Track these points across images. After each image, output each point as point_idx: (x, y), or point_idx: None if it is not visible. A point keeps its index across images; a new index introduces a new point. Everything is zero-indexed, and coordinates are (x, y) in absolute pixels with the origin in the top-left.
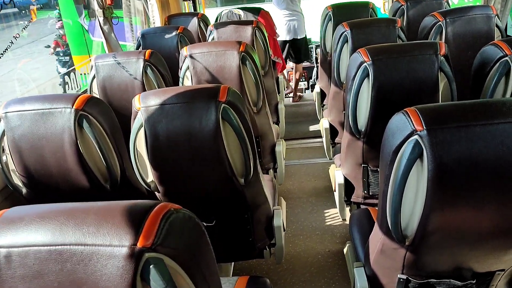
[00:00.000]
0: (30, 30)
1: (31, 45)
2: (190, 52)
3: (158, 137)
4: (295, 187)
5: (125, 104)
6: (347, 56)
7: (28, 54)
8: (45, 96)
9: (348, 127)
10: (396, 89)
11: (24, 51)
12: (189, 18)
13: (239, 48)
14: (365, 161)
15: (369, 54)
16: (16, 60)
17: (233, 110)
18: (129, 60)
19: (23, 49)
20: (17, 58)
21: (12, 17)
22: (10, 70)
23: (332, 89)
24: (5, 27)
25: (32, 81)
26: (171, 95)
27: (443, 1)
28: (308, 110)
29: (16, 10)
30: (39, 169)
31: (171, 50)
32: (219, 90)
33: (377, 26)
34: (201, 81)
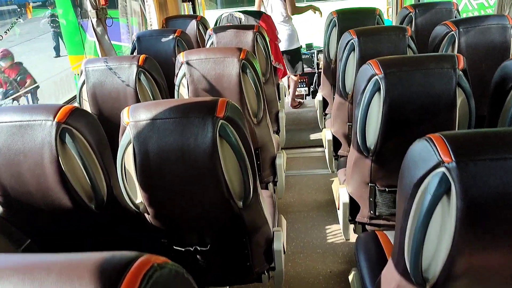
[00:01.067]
0: (26, 28)
1: (28, 43)
2: (186, 59)
3: (148, 155)
4: (295, 199)
5: (117, 113)
6: (353, 65)
7: (25, 52)
8: (24, 107)
9: (356, 144)
10: (409, 105)
11: (21, 50)
12: (188, 21)
13: (240, 55)
14: (372, 180)
15: (381, 66)
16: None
17: (232, 127)
18: (121, 65)
19: (20, 47)
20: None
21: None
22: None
23: (337, 99)
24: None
25: None
26: (163, 108)
27: (452, 8)
28: (309, 117)
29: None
30: (16, 187)
31: (168, 54)
32: (217, 105)
33: (386, 34)
34: (198, 90)
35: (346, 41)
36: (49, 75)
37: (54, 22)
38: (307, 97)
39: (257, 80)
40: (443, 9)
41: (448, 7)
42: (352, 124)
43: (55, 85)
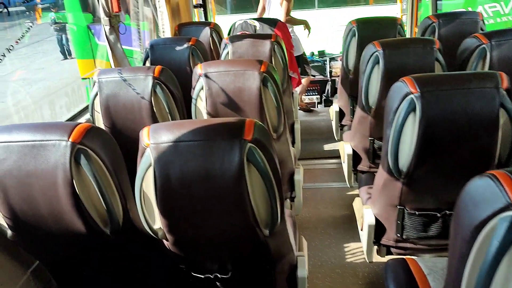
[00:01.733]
0: (34, 29)
1: (36, 45)
2: (205, 71)
3: (170, 180)
4: (311, 215)
5: (131, 126)
6: (377, 78)
7: (33, 53)
8: (37, 125)
9: (386, 165)
10: (447, 126)
11: (29, 51)
12: (201, 28)
13: (260, 68)
14: (402, 203)
15: (417, 84)
16: (21, 59)
17: (260, 150)
18: (136, 77)
19: (28, 48)
20: (21, 57)
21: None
22: (16, 69)
23: (358, 113)
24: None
25: (38, 81)
26: (187, 130)
27: (478, 19)
28: (322, 126)
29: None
30: (27, 210)
31: (182, 63)
32: (244, 126)
33: (413, 47)
34: (216, 104)
35: (370, 53)
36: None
37: (58, 26)
38: (318, 106)
39: (278, 93)
40: (468, 19)
41: (474, 17)
42: (383, 144)
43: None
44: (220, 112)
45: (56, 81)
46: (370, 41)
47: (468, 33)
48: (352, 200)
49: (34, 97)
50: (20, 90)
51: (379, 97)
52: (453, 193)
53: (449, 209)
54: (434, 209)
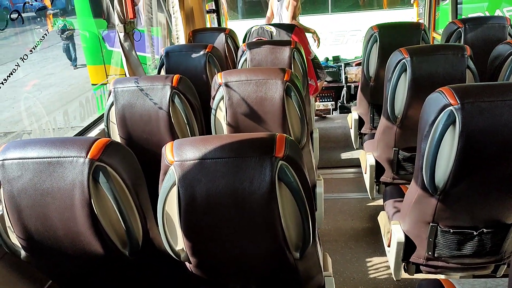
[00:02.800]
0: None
1: (46, 50)
2: (225, 80)
3: (195, 200)
4: (331, 227)
5: (148, 137)
6: (404, 87)
7: (43, 59)
8: (54, 140)
9: (420, 180)
10: (489, 140)
11: (39, 56)
12: (216, 34)
13: (284, 76)
14: (435, 220)
15: (457, 95)
16: (31, 64)
17: (292, 168)
18: (153, 86)
19: (39, 54)
20: (31, 63)
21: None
22: (26, 74)
23: (383, 122)
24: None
25: (49, 87)
26: (214, 146)
27: (506, 24)
28: (338, 134)
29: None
30: (42, 231)
31: (198, 71)
32: (275, 142)
33: (443, 54)
34: (237, 114)
35: (396, 61)
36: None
37: (65, 34)
38: (334, 112)
39: (302, 103)
40: (495, 24)
41: (502, 22)
42: (416, 159)
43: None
44: (241, 123)
45: (66, 86)
46: (392, 48)
47: (496, 39)
48: (373, 212)
49: (44, 102)
50: (31, 96)
51: (405, 106)
52: (492, 211)
53: (486, 227)
54: (470, 227)
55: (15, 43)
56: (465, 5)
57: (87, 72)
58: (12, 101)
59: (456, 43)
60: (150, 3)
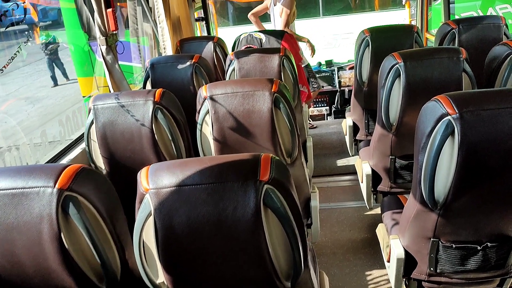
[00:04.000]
0: (36, 48)
1: (39, 63)
2: (210, 93)
3: (174, 230)
4: (327, 238)
5: (131, 156)
6: (398, 93)
7: (36, 71)
8: (19, 170)
9: (419, 195)
10: (492, 151)
11: (31, 69)
12: (204, 43)
13: (272, 87)
14: (436, 235)
15: (454, 103)
16: (23, 77)
17: (279, 192)
18: (135, 102)
19: (31, 66)
20: (24, 76)
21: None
22: (19, 87)
23: (378, 130)
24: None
25: (41, 100)
26: (192, 171)
27: (501, 23)
28: (333, 140)
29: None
30: (9, 268)
31: (185, 82)
32: (259, 164)
33: (438, 57)
34: (223, 128)
35: (389, 66)
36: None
37: (49, 49)
38: (328, 117)
39: (292, 115)
40: (490, 24)
41: (496, 22)
42: (414, 172)
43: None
44: (228, 138)
45: (58, 99)
46: (385, 52)
47: (491, 39)
48: (372, 221)
49: (36, 116)
50: (22, 109)
51: (401, 113)
52: (497, 224)
53: (491, 241)
54: (473, 242)
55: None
56: (457, 4)
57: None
58: (3, 115)
59: (450, 45)
60: (135, 13)
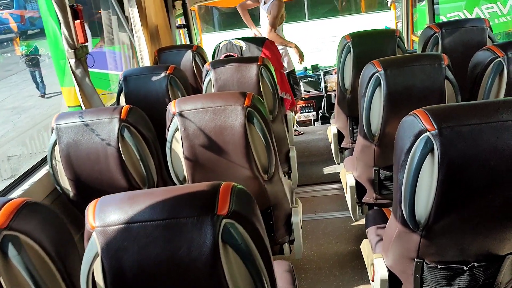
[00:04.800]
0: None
1: (26, 72)
2: (179, 109)
3: (124, 273)
4: (313, 252)
5: (98, 177)
6: (379, 103)
7: (23, 81)
8: None
9: (400, 215)
10: (475, 169)
11: (18, 78)
12: (182, 52)
13: (244, 101)
14: (420, 256)
15: (433, 119)
16: (10, 87)
17: (241, 225)
18: (99, 120)
19: (18, 75)
20: (11, 86)
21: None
22: (6, 97)
23: (360, 141)
24: None
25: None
26: (142, 206)
27: (485, 26)
28: (320, 147)
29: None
30: None
31: (160, 95)
32: (218, 196)
33: (418, 64)
34: (195, 146)
35: (369, 74)
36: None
37: (29, 60)
38: (315, 123)
39: (267, 129)
40: (474, 27)
41: (480, 25)
42: (394, 191)
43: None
44: (200, 156)
45: (46, 108)
46: (367, 57)
47: (475, 43)
48: (359, 233)
49: (23, 127)
50: (9, 119)
51: (382, 123)
52: (483, 244)
53: (478, 260)
54: (459, 262)
55: None
56: (442, 5)
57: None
58: None
59: (433, 49)
60: (109, 23)
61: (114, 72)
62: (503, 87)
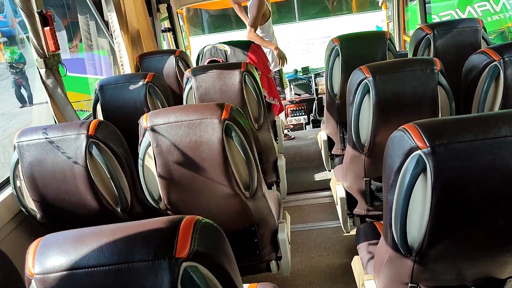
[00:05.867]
0: None
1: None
2: (151, 123)
3: None
4: (304, 266)
5: (66, 198)
6: (369, 110)
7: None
8: None
9: (391, 239)
10: (472, 188)
11: (8, 83)
12: (165, 57)
13: (221, 114)
14: (414, 281)
15: (425, 135)
16: (1, 93)
17: (206, 268)
18: (65, 136)
19: (8, 80)
20: (0, 91)
21: None
22: None
23: (350, 151)
24: None
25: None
26: (89, 249)
27: (478, 27)
28: (311, 152)
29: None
30: None
31: (138, 105)
32: (177, 234)
33: (409, 70)
34: (168, 163)
35: (357, 81)
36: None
37: (13, 68)
38: (307, 127)
39: (247, 143)
40: (467, 28)
41: (473, 25)
42: (384, 214)
43: None
44: (175, 174)
45: (36, 114)
46: (356, 61)
47: (468, 45)
48: (351, 244)
49: (13, 133)
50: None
51: (372, 132)
52: (482, 268)
53: (476, 285)
54: (457, 286)
55: None
56: (434, 4)
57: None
58: None
59: (425, 52)
60: (87, 29)
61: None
62: (500, 92)
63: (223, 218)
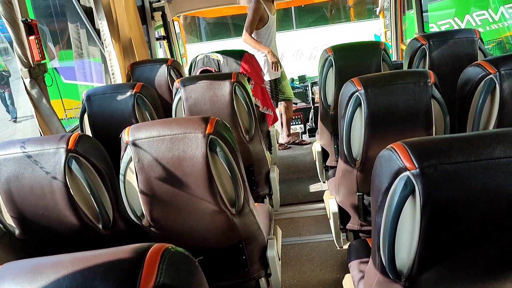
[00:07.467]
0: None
1: (15, 83)
2: (132, 137)
3: None
4: (296, 281)
5: (45, 213)
6: (360, 124)
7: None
8: None
9: (379, 263)
10: (464, 213)
11: None
12: (157, 66)
13: (205, 128)
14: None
15: (413, 156)
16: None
17: None
18: (44, 151)
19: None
20: None
21: None
22: None
23: (342, 166)
24: None
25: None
26: (44, 282)
27: (475, 37)
28: (307, 162)
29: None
30: None
31: (126, 116)
32: (142, 264)
33: (402, 83)
34: (150, 179)
35: (349, 94)
36: None
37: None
38: (303, 136)
39: (233, 158)
40: (463, 39)
41: (470, 36)
42: (372, 237)
43: None
44: (157, 190)
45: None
46: (350, 72)
47: (464, 56)
48: (344, 258)
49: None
50: None
51: (364, 147)
52: None
53: None
54: None
55: None
56: (431, 13)
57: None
58: None
59: (421, 62)
60: (78, 37)
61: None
62: (496, 106)
63: (209, 234)
